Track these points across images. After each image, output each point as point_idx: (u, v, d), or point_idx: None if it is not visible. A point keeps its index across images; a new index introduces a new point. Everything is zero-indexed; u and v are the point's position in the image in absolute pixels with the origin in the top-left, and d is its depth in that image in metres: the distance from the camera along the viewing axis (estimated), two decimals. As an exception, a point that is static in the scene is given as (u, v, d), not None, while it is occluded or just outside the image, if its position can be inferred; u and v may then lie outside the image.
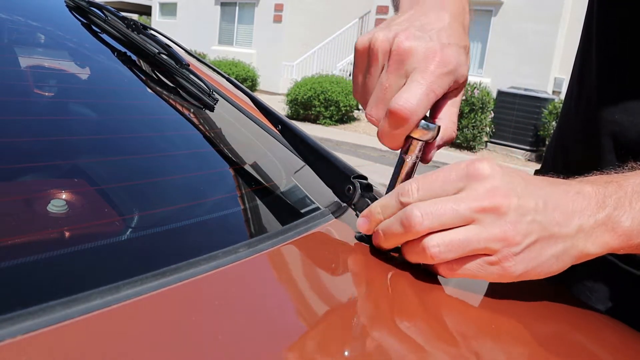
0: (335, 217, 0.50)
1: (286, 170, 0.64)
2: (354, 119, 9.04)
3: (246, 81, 10.86)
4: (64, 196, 0.42)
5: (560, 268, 0.38)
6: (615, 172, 0.41)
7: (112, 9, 0.73)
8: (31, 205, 0.41)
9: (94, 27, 0.74)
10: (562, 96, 7.44)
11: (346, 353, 0.31)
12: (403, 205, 0.39)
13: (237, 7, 12.48)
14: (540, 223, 0.37)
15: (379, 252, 0.43)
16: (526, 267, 0.37)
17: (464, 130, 7.30)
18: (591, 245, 0.38)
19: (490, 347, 0.35)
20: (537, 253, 0.37)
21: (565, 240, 0.37)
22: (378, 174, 5.35)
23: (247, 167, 0.61)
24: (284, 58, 11.39)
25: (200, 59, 0.75)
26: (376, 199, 0.47)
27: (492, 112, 7.43)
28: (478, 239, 0.36)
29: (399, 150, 0.45)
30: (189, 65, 0.66)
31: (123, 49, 0.71)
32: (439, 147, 0.47)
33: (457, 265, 0.38)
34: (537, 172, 0.71)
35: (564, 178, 0.41)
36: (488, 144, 7.58)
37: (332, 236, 0.48)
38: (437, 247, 0.37)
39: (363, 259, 0.43)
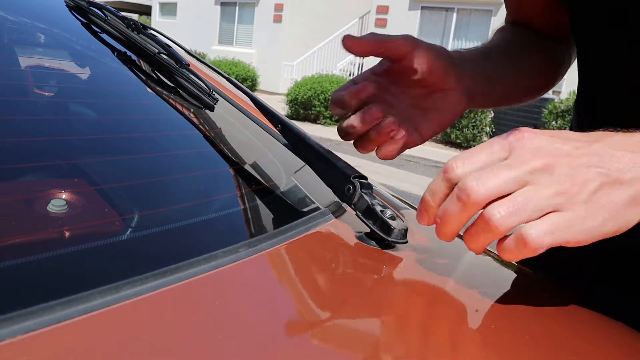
0: (335, 217, 0.50)
1: (286, 170, 0.64)
2: (354, 119, 9.02)
3: (246, 81, 10.86)
4: (64, 196, 0.42)
5: (638, 216, 0.36)
6: None
7: (112, 9, 0.73)
8: (31, 205, 0.41)
9: (94, 27, 0.74)
10: (562, 96, 7.45)
11: (346, 353, 0.31)
12: (450, 182, 0.38)
13: (237, 7, 12.48)
14: (599, 172, 0.35)
15: (379, 252, 0.43)
16: (603, 216, 0.35)
17: (464, 130, 7.30)
18: None
19: (490, 347, 0.35)
20: (608, 199, 0.35)
21: (632, 184, 0.36)
22: (378, 174, 5.35)
23: (247, 167, 0.61)
24: (284, 58, 11.39)
25: (200, 59, 0.75)
26: (375, 199, 0.47)
27: (492, 111, 7.43)
28: (539, 196, 0.35)
29: None
30: (189, 65, 0.66)
31: (123, 49, 0.71)
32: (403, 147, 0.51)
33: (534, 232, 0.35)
34: None
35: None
36: (488, 144, 7.57)
37: (332, 236, 0.48)
38: (499, 214, 0.35)
39: (363, 259, 0.43)
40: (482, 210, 0.36)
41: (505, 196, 0.36)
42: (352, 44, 0.50)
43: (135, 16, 15.46)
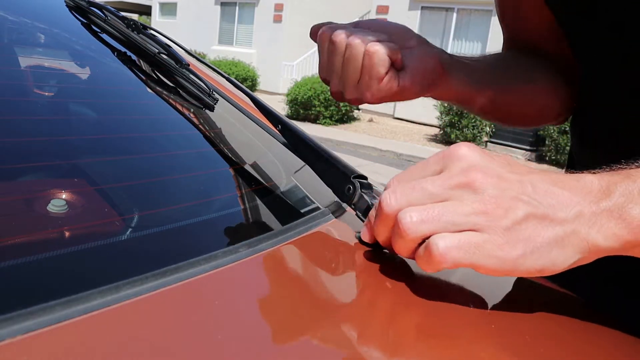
0: (335, 217, 0.50)
1: (286, 170, 0.64)
2: (354, 119, 9.04)
3: (246, 81, 10.86)
4: (64, 196, 0.42)
5: (567, 261, 0.34)
6: (621, 167, 0.37)
7: (112, 9, 0.73)
8: (31, 205, 0.41)
9: (93, 27, 0.74)
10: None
11: (346, 353, 0.31)
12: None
13: (237, 7, 12.48)
14: (528, 202, 0.33)
15: (379, 252, 0.43)
16: (524, 249, 0.33)
17: (464, 130, 7.30)
18: (597, 234, 0.33)
19: (490, 347, 0.35)
20: (532, 232, 0.33)
21: (564, 225, 0.33)
22: (378, 174, 5.35)
23: (247, 167, 0.61)
24: (284, 58, 11.39)
25: (200, 59, 0.75)
26: (376, 199, 0.47)
27: (492, 112, 7.42)
28: (458, 210, 0.33)
29: None
30: (189, 65, 0.66)
31: (123, 49, 0.71)
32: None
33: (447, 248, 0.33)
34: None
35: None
36: (488, 144, 7.57)
37: (332, 236, 0.48)
38: (409, 218, 0.34)
39: (363, 259, 0.43)
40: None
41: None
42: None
43: (135, 16, 15.47)
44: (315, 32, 0.56)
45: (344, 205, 0.51)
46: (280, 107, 9.01)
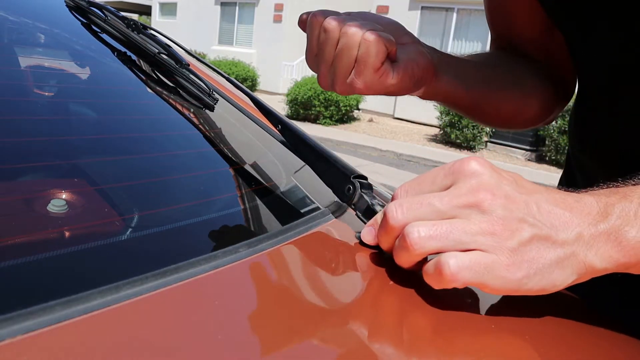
0: (335, 217, 0.50)
1: (286, 170, 0.64)
2: (354, 119, 9.04)
3: (246, 81, 10.86)
4: (64, 196, 0.42)
5: (565, 281, 0.35)
6: (619, 185, 0.38)
7: (112, 9, 0.73)
8: (31, 205, 0.41)
9: (94, 27, 0.74)
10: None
11: (346, 353, 0.31)
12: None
13: (237, 7, 12.48)
14: (533, 223, 0.34)
15: (379, 252, 0.43)
16: (528, 270, 0.34)
17: (464, 130, 7.30)
18: (594, 256, 0.34)
19: (490, 347, 0.35)
20: (536, 254, 0.34)
21: (564, 247, 0.34)
22: (378, 174, 5.35)
23: (247, 167, 0.61)
24: (284, 58, 11.39)
25: (200, 59, 0.75)
26: (375, 199, 0.47)
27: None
28: (466, 229, 0.34)
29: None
30: (189, 65, 0.66)
31: (123, 49, 0.71)
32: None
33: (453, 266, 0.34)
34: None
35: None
36: (488, 143, 7.58)
37: (332, 236, 0.48)
38: (417, 233, 0.34)
39: (363, 259, 0.43)
40: None
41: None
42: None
43: (135, 16, 15.47)
44: (305, 21, 0.54)
45: (344, 205, 0.51)
46: (280, 107, 9.01)
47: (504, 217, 0.34)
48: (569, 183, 0.68)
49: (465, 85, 0.58)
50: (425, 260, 0.37)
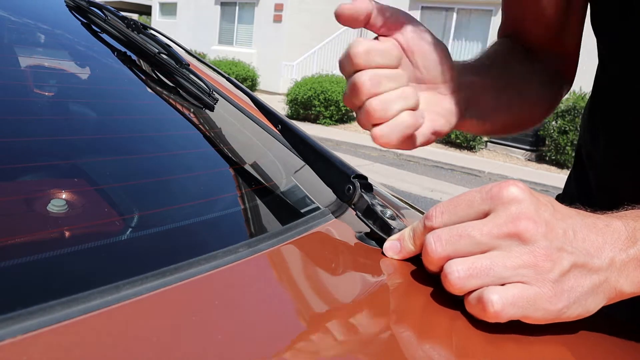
0: (335, 217, 0.50)
1: (286, 170, 0.64)
2: (354, 119, 9.02)
3: (246, 81, 10.86)
4: (64, 196, 0.42)
5: (597, 306, 0.35)
6: None
7: (112, 9, 0.73)
8: (31, 205, 0.41)
9: (94, 27, 0.74)
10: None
11: (346, 353, 0.31)
12: (428, 229, 0.38)
13: (237, 7, 12.48)
14: (572, 252, 0.34)
15: (378, 252, 0.43)
16: (568, 300, 0.34)
17: (464, 130, 7.29)
18: (624, 281, 0.35)
19: (490, 347, 0.35)
20: (574, 282, 0.34)
21: (599, 273, 0.34)
22: (378, 174, 5.36)
23: (247, 167, 0.61)
24: (284, 58, 11.39)
25: (200, 58, 0.75)
26: (376, 198, 0.47)
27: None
28: (506, 264, 0.34)
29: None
30: (189, 65, 0.66)
31: (123, 49, 0.71)
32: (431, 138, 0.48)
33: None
34: (558, 197, 0.69)
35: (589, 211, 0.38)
36: (488, 143, 7.58)
37: (332, 236, 0.48)
38: (457, 272, 0.34)
39: (363, 259, 0.43)
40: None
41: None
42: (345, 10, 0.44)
43: (135, 16, 15.47)
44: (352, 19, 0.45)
45: (344, 205, 0.51)
46: (280, 107, 9.02)
47: (546, 247, 0.34)
48: (580, 182, 0.67)
49: (483, 122, 0.57)
50: None
